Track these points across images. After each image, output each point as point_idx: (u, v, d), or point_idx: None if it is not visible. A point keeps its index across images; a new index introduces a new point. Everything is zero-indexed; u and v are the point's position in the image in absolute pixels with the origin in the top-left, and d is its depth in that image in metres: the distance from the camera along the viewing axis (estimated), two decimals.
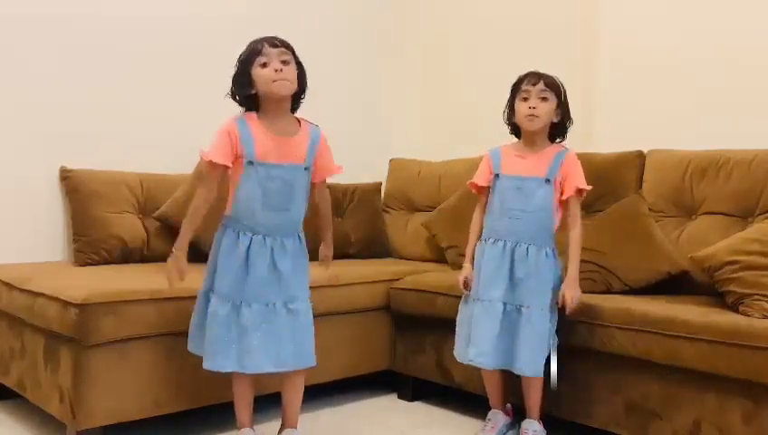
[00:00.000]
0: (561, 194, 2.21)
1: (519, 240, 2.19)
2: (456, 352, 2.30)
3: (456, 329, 2.32)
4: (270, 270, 1.99)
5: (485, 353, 2.15)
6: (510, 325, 2.16)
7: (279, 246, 2.01)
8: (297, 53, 2.05)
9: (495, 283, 2.18)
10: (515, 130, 2.32)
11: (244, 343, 1.97)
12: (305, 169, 2.04)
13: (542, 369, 2.14)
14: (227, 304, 1.98)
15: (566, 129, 2.29)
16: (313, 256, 2.19)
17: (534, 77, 2.22)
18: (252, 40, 2.02)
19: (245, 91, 2.01)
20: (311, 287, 2.11)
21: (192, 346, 2.08)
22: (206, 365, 1.99)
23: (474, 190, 2.36)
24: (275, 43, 1.99)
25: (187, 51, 3.15)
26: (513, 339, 2.15)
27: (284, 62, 1.99)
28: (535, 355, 2.13)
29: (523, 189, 2.21)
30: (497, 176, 2.27)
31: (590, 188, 2.22)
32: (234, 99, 2.05)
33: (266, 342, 1.96)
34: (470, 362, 2.19)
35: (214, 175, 2.01)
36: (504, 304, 2.16)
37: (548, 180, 2.20)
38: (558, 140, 2.29)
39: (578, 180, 2.20)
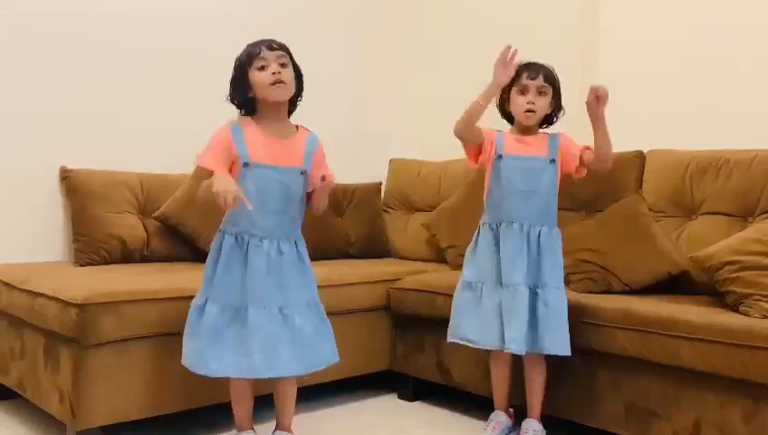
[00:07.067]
0: (564, 167, 2.24)
1: (533, 222, 2.20)
2: (453, 335, 2.29)
3: (453, 312, 2.30)
4: (267, 274, 1.97)
5: (517, 340, 2.13)
6: (532, 307, 2.16)
7: (276, 249, 1.99)
8: (297, 53, 2.05)
9: (517, 265, 2.17)
10: (508, 117, 2.33)
11: (241, 347, 1.95)
12: (302, 172, 2.02)
13: (568, 347, 2.14)
14: (227, 309, 1.96)
15: (556, 118, 2.31)
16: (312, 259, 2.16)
17: (533, 71, 2.23)
18: (249, 43, 2.02)
19: (243, 95, 2.00)
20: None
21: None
22: (201, 371, 1.97)
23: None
24: (273, 46, 1.98)
25: (187, 51, 3.14)
26: (536, 320, 2.16)
27: (282, 65, 1.98)
28: (560, 334, 2.14)
29: (529, 169, 2.22)
30: (500, 157, 2.24)
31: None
32: (232, 102, 2.03)
33: (263, 346, 1.93)
34: (507, 350, 2.15)
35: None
36: (527, 287, 2.16)
37: (552, 160, 2.22)
38: (544, 126, 2.32)
39: (579, 144, 2.25)
